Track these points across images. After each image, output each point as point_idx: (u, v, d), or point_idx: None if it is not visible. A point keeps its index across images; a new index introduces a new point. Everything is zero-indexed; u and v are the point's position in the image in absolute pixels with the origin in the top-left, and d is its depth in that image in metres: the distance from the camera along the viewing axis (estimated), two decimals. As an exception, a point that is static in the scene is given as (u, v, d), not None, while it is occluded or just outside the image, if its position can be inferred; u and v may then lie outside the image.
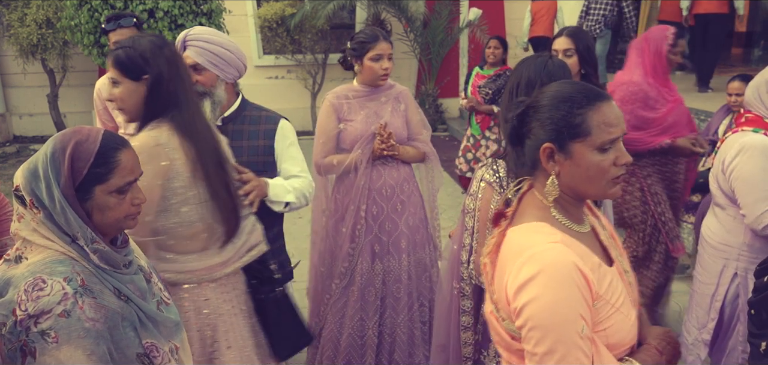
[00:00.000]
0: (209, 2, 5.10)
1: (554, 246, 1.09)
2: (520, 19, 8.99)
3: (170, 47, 1.72)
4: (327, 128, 2.58)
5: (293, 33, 8.19)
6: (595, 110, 1.12)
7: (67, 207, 1.17)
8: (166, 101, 1.67)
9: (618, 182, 1.15)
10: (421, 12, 8.13)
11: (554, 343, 1.04)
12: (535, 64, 1.65)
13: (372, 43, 2.46)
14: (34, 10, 6.86)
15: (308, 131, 8.80)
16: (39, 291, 1.11)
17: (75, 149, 1.18)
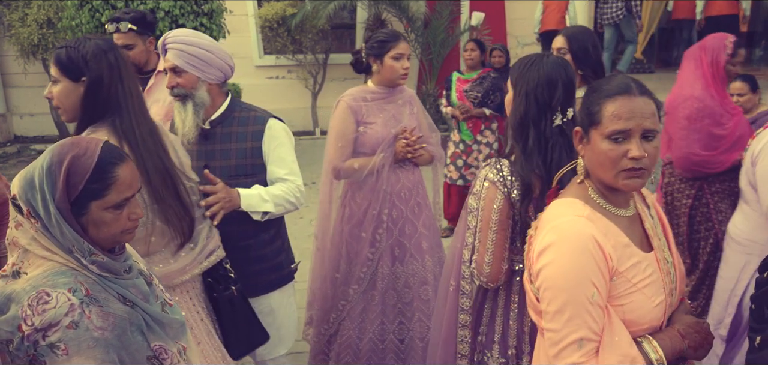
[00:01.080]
0: (210, 2, 5.10)
1: (576, 219, 1.20)
2: (521, 19, 8.99)
3: (115, 52, 1.72)
4: (345, 131, 2.50)
5: (294, 33, 8.19)
6: (612, 101, 1.20)
7: (61, 221, 1.15)
8: (105, 105, 1.67)
9: (631, 176, 1.19)
10: (422, 12, 8.13)
11: (564, 304, 1.15)
12: (549, 62, 1.63)
13: (393, 42, 2.44)
14: (34, 10, 6.86)
15: (309, 131, 8.81)
16: (44, 304, 1.10)
17: (72, 164, 1.16)
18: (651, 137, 1.20)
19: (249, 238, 2.06)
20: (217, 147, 2.04)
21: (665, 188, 3.03)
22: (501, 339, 1.76)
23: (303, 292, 3.66)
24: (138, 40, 2.81)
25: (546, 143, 1.59)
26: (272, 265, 2.15)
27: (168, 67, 1.97)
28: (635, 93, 1.20)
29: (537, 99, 1.59)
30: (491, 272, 1.64)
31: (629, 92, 1.20)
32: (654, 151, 1.20)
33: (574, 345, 1.15)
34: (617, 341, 1.16)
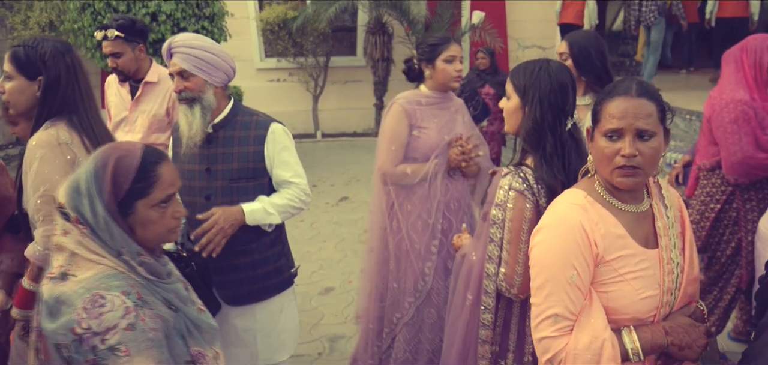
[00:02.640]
0: (211, 5, 5.11)
1: (570, 206, 1.30)
2: (521, 21, 9.01)
3: (72, 54, 1.79)
4: (400, 135, 2.41)
5: (295, 36, 8.21)
6: (611, 101, 1.28)
7: (110, 222, 1.18)
8: (61, 104, 1.74)
9: (624, 174, 1.25)
10: (423, 14, 8.14)
11: (545, 280, 1.27)
12: (556, 68, 1.64)
13: (444, 45, 2.39)
14: (37, 13, 6.88)
15: (310, 134, 8.81)
16: (100, 307, 1.12)
17: (116, 165, 1.20)
18: (647, 137, 1.24)
19: (251, 241, 2.07)
20: (220, 150, 2.05)
21: (697, 192, 2.98)
22: (516, 347, 1.74)
23: (303, 295, 3.66)
24: (126, 47, 2.80)
25: (563, 147, 1.60)
26: (274, 269, 2.16)
27: (175, 72, 1.98)
28: (633, 95, 1.26)
29: (551, 105, 1.59)
30: (523, 283, 1.59)
31: (627, 93, 1.26)
32: (649, 151, 1.24)
33: (550, 319, 1.25)
34: (593, 323, 1.23)
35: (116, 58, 2.80)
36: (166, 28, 4.79)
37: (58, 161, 1.67)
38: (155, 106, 2.89)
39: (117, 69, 2.83)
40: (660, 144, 1.27)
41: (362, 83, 8.91)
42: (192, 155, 2.02)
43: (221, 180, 2.03)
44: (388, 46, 8.26)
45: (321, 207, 5.47)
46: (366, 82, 8.76)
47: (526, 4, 9.01)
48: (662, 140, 1.28)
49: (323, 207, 5.49)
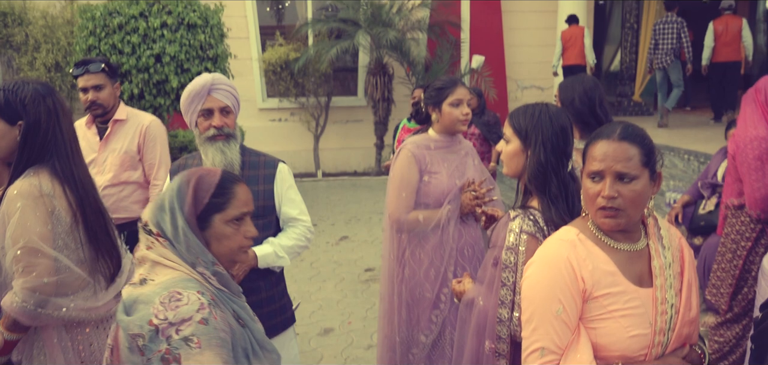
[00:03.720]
0: (215, 47, 5.20)
1: (559, 242, 1.34)
2: (520, 63, 9.16)
3: (54, 97, 1.75)
4: (410, 180, 2.35)
5: (297, 76, 8.33)
6: (595, 144, 1.33)
7: (188, 233, 1.26)
8: (42, 148, 1.71)
9: (605, 215, 1.29)
10: (423, 56, 8.28)
11: (532, 314, 1.30)
12: (555, 111, 1.67)
13: (451, 88, 2.35)
14: (43, 54, 7.01)
15: (311, 173, 8.86)
16: (176, 301, 1.18)
17: (198, 181, 1.30)
18: (627, 179, 1.27)
19: (259, 279, 2.07)
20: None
21: (727, 230, 2.99)
22: None
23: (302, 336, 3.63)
24: (107, 81, 2.84)
25: (566, 189, 1.62)
26: (278, 307, 2.16)
27: (218, 108, 2.02)
28: (615, 138, 1.30)
29: (554, 148, 1.61)
30: None
31: (610, 136, 1.30)
32: (630, 193, 1.27)
33: (536, 352, 1.28)
34: (579, 358, 1.25)
35: (98, 91, 2.81)
36: (170, 70, 4.87)
37: (39, 212, 1.64)
38: (126, 143, 2.90)
39: (95, 103, 2.82)
40: (643, 187, 1.29)
41: (363, 123, 9.00)
42: None
43: None
44: (389, 86, 8.38)
45: (321, 247, 5.46)
46: (367, 121, 8.85)
47: (524, 48, 9.18)
48: (647, 183, 1.30)
49: (323, 247, 5.48)
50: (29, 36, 7.09)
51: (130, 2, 4.93)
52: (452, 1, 8.51)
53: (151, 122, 2.97)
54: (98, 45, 4.86)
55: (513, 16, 9.06)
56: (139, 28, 4.81)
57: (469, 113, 2.38)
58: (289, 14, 9.60)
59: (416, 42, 8.37)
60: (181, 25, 4.95)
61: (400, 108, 8.61)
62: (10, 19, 7.15)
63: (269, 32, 9.12)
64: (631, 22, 9.26)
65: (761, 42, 10.88)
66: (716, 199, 3.73)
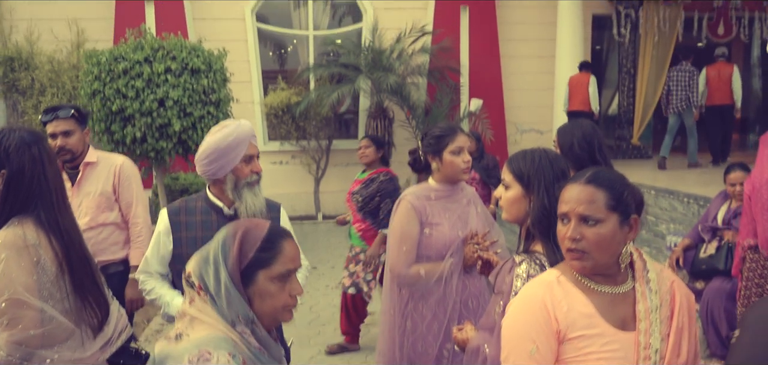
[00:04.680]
0: (218, 92, 5.27)
1: (537, 283, 1.38)
2: (518, 107, 9.26)
3: (40, 145, 1.73)
4: (411, 233, 2.27)
5: (298, 120, 8.41)
6: (566, 187, 1.38)
7: (230, 287, 1.21)
8: (27, 197, 1.68)
9: (571, 256, 1.32)
10: (423, 100, 8.39)
11: (509, 353, 1.35)
12: (554, 157, 1.70)
13: (451, 136, 2.29)
14: (48, 98, 7.10)
15: (311, 216, 8.85)
16: (205, 361, 1.14)
17: (244, 234, 1.25)
18: (591, 222, 1.30)
19: None
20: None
21: (746, 273, 2.99)
22: None
23: (302, 381, 3.58)
24: (77, 127, 2.85)
25: None
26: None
27: (256, 154, 2.10)
28: (581, 182, 1.34)
29: (556, 192, 1.60)
30: None
31: (577, 180, 1.36)
32: (593, 236, 1.30)
33: None
34: None
35: (66, 137, 2.81)
36: (173, 114, 4.92)
37: (23, 263, 1.61)
38: (100, 185, 2.90)
39: (64, 149, 2.81)
40: (610, 231, 1.30)
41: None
42: (208, 237, 2.03)
43: None
44: (389, 130, 8.46)
45: (321, 290, 5.42)
46: (367, 165, 8.89)
47: (523, 92, 9.31)
48: (615, 227, 1.31)
49: (323, 290, 5.43)
50: (35, 80, 7.20)
51: (136, 48, 5.03)
52: (452, 47, 8.66)
53: (123, 161, 3.00)
54: (103, 89, 4.92)
55: (512, 61, 9.21)
56: (144, 73, 4.89)
57: (470, 160, 2.33)
58: (292, 59, 9.77)
59: (416, 86, 8.49)
60: (184, 70, 5.03)
61: (401, 151, 8.67)
62: (18, 63, 7.28)
63: (271, 76, 9.26)
64: (627, 67, 9.42)
65: (756, 86, 11.04)
66: (717, 242, 3.73)
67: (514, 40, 9.19)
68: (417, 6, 9.00)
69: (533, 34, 9.24)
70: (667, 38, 9.14)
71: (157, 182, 5.67)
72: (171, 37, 5.26)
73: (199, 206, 2.10)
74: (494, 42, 9.00)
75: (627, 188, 1.36)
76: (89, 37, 7.70)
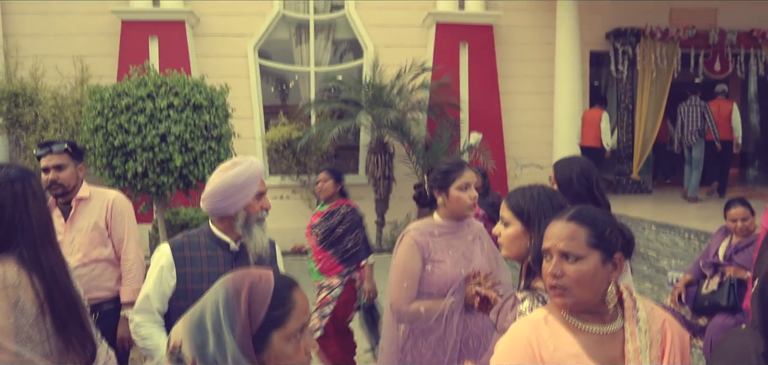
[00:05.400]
0: (219, 127, 5.32)
1: (525, 322, 1.39)
2: (517, 143, 9.31)
3: (25, 182, 1.70)
4: (412, 270, 2.24)
5: (299, 155, 8.45)
6: (550, 224, 1.38)
7: (241, 359, 1.01)
8: (8, 235, 1.65)
9: (553, 293, 1.33)
10: (423, 136, 8.44)
11: None
12: (553, 194, 1.71)
13: (458, 172, 2.27)
14: (51, 132, 7.15)
15: (311, 250, 8.82)
16: None
17: (251, 291, 1.07)
18: (571, 259, 1.30)
19: None
20: (244, 267, 2.11)
21: None
22: None
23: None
24: (70, 162, 2.85)
25: None
26: None
27: (265, 191, 2.14)
28: (564, 219, 1.36)
29: None
30: None
31: (560, 217, 1.38)
32: (574, 273, 1.30)
33: None
34: None
35: (58, 171, 2.81)
36: (174, 149, 4.96)
37: (1, 304, 1.57)
38: (93, 220, 2.89)
39: (55, 183, 2.81)
40: (591, 268, 1.30)
41: (364, 201, 9.05)
42: (215, 273, 2.04)
43: None
44: (390, 164, 8.49)
45: (320, 326, 5.36)
46: (368, 199, 8.90)
47: (522, 128, 9.37)
48: (597, 264, 1.30)
49: (323, 326, 5.37)
50: (39, 115, 7.26)
51: (139, 84, 5.09)
52: (451, 84, 8.76)
53: (116, 196, 2.99)
54: (105, 125, 4.96)
55: (511, 97, 9.30)
56: (147, 108, 4.94)
57: (476, 196, 2.32)
58: (293, 94, 9.87)
59: (416, 122, 8.55)
60: (187, 106, 5.08)
61: (401, 186, 8.69)
62: (21, 99, 7.35)
63: (273, 112, 9.34)
64: (626, 103, 9.50)
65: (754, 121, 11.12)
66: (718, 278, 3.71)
67: (513, 77, 9.30)
68: (417, 43, 9.14)
69: (532, 71, 9.36)
70: (665, 74, 9.27)
71: (157, 217, 5.67)
72: (174, 74, 5.33)
73: (203, 241, 2.09)
74: (493, 78, 9.10)
75: (610, 225, 1.35)
76: (93, 73, 7.80)
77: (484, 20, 9.00)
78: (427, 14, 8.95)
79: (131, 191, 5.14)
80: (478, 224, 2.46)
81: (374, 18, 9.11)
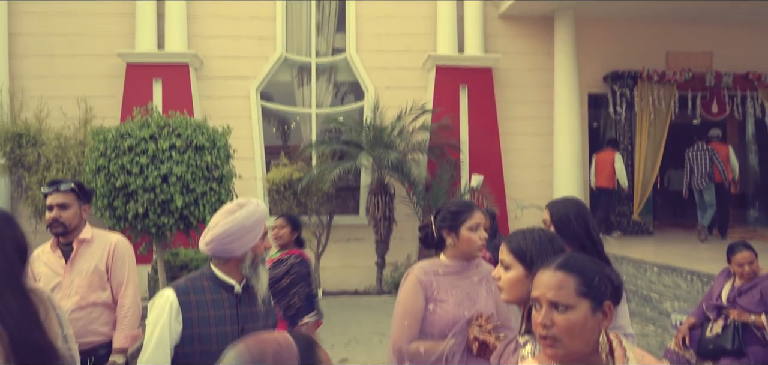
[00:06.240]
0: (221, 168, 5.34)
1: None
2: (518, 184, 9.34)
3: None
4: (414, 309, 2.23)
5: (300, 196, 8.46)
6: (539, 273, 1.37)
7: None
8: None
9: (543, 344, 1.32)
10: (424, 177, 8.47)
11: None
12: (555, 238, 1.71)
13: (468, 213, 2.28)
14: (53, 173, 7.19)
15: (311, 292, 8.75)
16: None
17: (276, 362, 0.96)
18: (561, 308, 1.29)
19: None
20: (248, 310, 2.10)
21: None
22: None
23: None
24: (75, 201, 2.86)
25: None
26: None
27: (266, 232, 2.14)
28: (551, 268, 1.35)
29: None
30: None
31: (548, 266, 1.36)
32: (563, 322, 1.28)
33: None
34: None
35: (62, 210, 2.81)
36: (176, 189, 4.97)
37: None
38: (94, 262, 2.88)
39: (57, 221, 2.81)
40: (581, 318, 1.29)
41: (364, 242, 9.03)
42: (221, 316, 2.03)
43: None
44: (390, 205, 8.49)
45: (320, 369, 5.29)
46: (368, 240, 8.88)
47: (522, 169, 9.41)
48: (586, 313, 1.29)
49: (322, 369, 5.30)
50: (41, 156, 7.31)
51: (142, 125, 5.14)
52: (451, 125, 8.84)
53: (118, 240, 2.98)
54: (107, 165, 4.99)
55: (511, 138, 9.37)
56: (149, 149, 4.98)
57: (486, 237, 2.33)
58: (294, 135, 9.95)
59: (417, 163, 8.60)
60: (189, 147, 5.12)
61: (402, 227, 8.67)
62: (25, 140, 7.41)
63: (274, 152, 9.40)
64: (625, 144, 9.56)
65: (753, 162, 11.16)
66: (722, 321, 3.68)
67: (512, 118, 9.39)
68: (417, 85, 9.26)
69: (531, 113, 9.45)
70: (663, 116, 9.37)
71: (157, 258, 5.65)
72: (177, 115, 5.38)
73: (207, 284, 2.07)
74: (493, 120, 9.18)
75: (599, 273, 1.34)
76: (97, 114, 7.88)
77: (483, 63, 9.14)
78: (427, 57, 9.09)
79: (131, 231, 5.14)
80: (488, 267, 2.42)
81: (375, 61, 9.26)
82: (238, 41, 9.06)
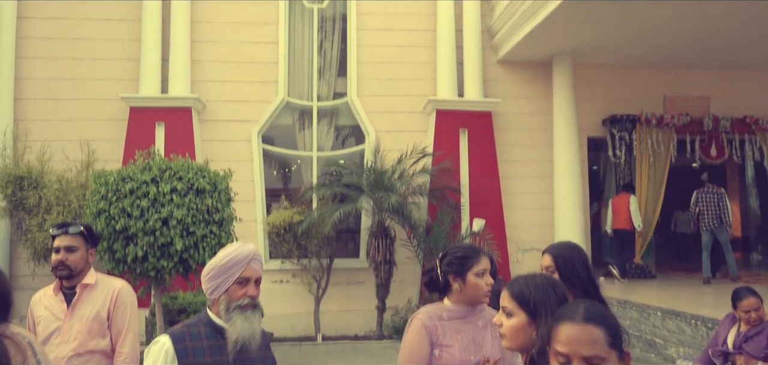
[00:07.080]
0: (221, 211, 5.34)
1: None
2: (518, 226, 9.32)
3: None
4: (419, 354, 2.22)
5: (300, 239, 8.43)
6: (559, 325, 1.31)
7: None
8: None
9: None
10: (424, 220, 8.46)
11: None
12: (556, 283, 1.69)
13: (475, 258, 2.27)
14: (54, 215, 7.18)
15: (310, 337, 8.62)
16: None
17: None
18: (597, 361, 1.23)
19: None
20: (247, 357, 2.07)
21: None
22: None
23: None
24: (82, 245, 2.84)
25: None
26: None
27: (254, 278, 2.10)
28: (578, 320, 1.28)
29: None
30: None
31: (573, 319, 1.29)
32: None
33: None
34: None
35: (68, 252, 2.79)
36: (176, 233, 4.96)
37: None
38: (96, 308, 2.84)
39: (63, 264, 2.79)
40: None
41: (365, 285, 8.95)
42: (217, 363, 2.02)
43: None
44: (391, 248, 8.46)
45: (319, 417, 5.17)
46: (368, 284, 8.81)
47: (523, 211, 9.41)
48: (616, 364, 1.26)
49: (321, 417, 5.18)
50: (42, 199, 7.32)
51: (144, 169, 5.17)
52: (452, 168, 8.88)
53: (122, 286, 2.93)
54: (108, 208, 5.00)
55: (511, 181, 9.40)
56: (150, 192, 4.98)
57: (492, 283, 2.31)
58: (295, 178, 9.98)
59: (417, 206, 8.60)
60: (190, 190, 5.13)
61: (402, 270, 8.61)
62: (27, 182, 7.43)
63: (275, 195, 9.41)
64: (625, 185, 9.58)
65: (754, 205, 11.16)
66: (729, 368, 3.62)
67: (512, 161, 9.43)
68: (418, 128, 9.34)
69: (531, 156, 9.51)
70: (662, 159, 9.43)
71: (155, 301, 5.60)
72: (179, 158, 5.41)
73: (203, 330, 2.05)
74: (493, 163, 9.23)
75: (616, 321, 1.32)
76: (99, 157, 7.92)
77: (483, 107, 9.24)
78: (427, 101, 9.20)
79: (130, 275, 5.10)
80: (492, 312, 2.40)
81: (375, 105, 9.36)
82: (240, 85, 9.19)
